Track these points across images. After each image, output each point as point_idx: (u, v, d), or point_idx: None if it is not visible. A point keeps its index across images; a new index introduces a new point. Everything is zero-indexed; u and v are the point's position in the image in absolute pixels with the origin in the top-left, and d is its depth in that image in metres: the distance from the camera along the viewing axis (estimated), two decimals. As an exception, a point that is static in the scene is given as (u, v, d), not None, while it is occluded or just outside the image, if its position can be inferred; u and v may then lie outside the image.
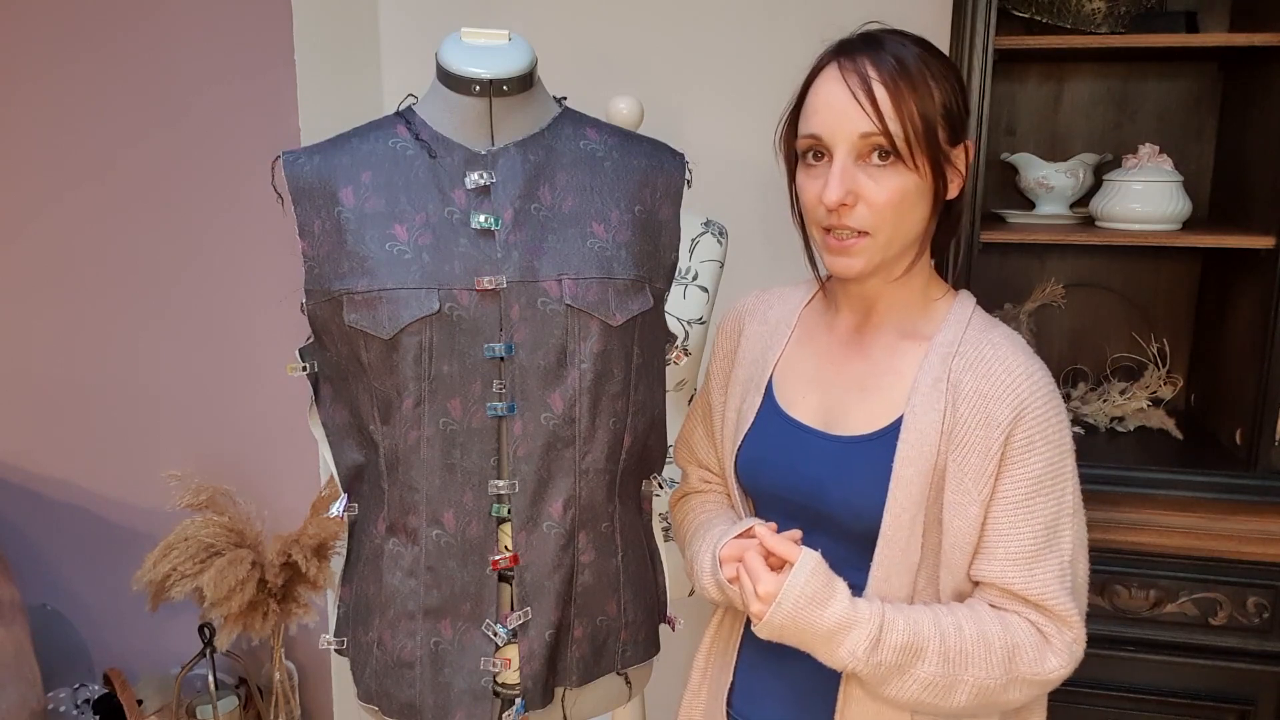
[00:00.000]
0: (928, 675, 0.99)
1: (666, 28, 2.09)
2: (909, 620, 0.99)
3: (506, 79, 1.07)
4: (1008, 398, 1.00)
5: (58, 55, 2.04)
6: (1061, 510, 1.01)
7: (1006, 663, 0.99)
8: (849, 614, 0.98)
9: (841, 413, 1.09)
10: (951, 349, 1.04)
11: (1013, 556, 1.00)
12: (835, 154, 1.00)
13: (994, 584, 1.01)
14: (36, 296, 2.17)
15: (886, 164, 0.99)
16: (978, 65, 1.60)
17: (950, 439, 1.01)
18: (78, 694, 2.21)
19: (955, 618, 1.00)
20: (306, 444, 2.06)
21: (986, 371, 1.01)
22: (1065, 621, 1.00)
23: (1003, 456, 1.00)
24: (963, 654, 0.99)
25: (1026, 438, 0.99)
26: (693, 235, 1.76)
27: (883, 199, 0.99)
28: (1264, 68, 1.66)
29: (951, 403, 1.02)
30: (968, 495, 1.01)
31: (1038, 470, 1.00)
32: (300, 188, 1.07)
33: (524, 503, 1.08)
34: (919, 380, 1.04)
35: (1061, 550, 1.01)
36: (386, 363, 1.04)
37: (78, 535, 2.26)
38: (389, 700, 1.14)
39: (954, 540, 1.02)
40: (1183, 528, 1.59)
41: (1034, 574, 1.00)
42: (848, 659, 0.99)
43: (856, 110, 0.98)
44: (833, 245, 1.03)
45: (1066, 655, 1.01)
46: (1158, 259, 1.94)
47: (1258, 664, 1.60)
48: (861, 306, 1.11)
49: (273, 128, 1.96)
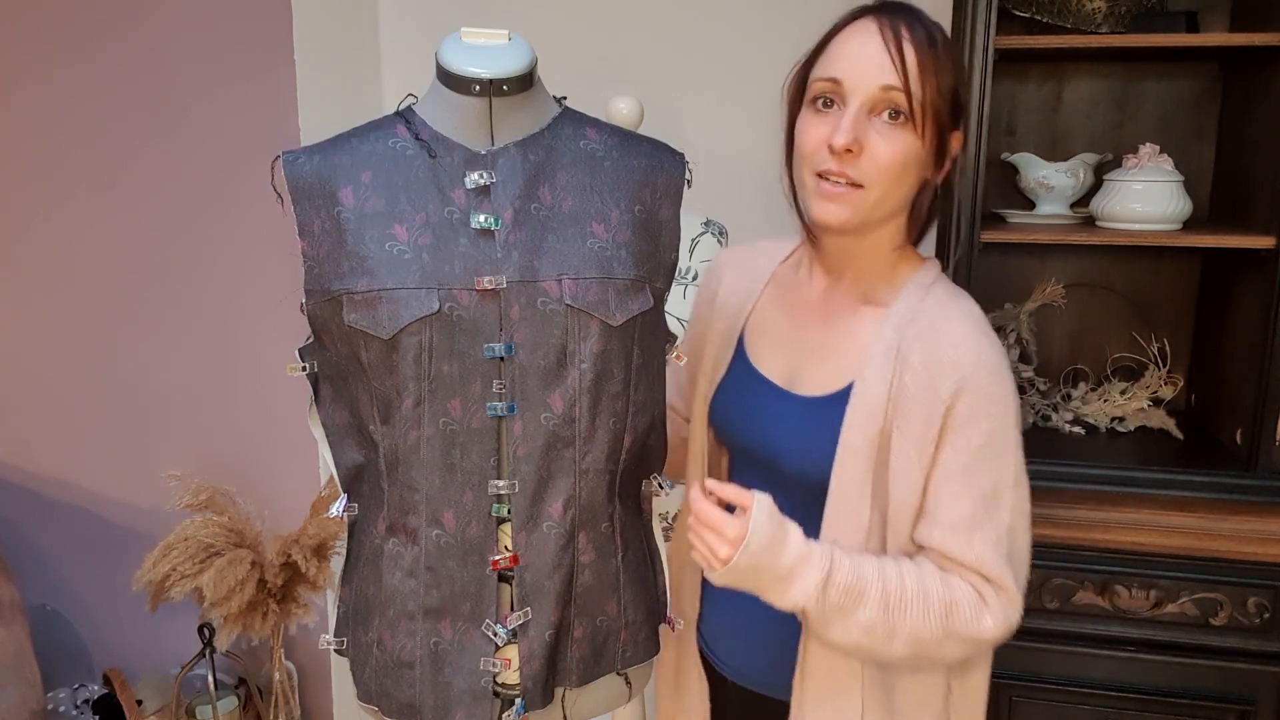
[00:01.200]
0: (868, 620, 1.01)
1: (666, 28, 2.09)
2: (855, 564, 1.02)
3: (506, 79, 1.07)
4: (951, 372, 1.02)
5: (58, 57, 2.04)
6: (1001, 482, 1.04)
7: (943, 618, 1.02)
8: (804, 552, 1.01)
9: (803, 373, 1.13)
10: (906, 318, 1.07)
11: (952, 524, 1.03)
12: (850, 102, 1.02)
13: (936, 549, 1.05)
14: (36, 297, 2.17)
15: (896, 123, 1.02)
16: (978, 65, 1.60)
17: (896, 406, 1.05)
18: (77, 694, 2.21)
19: (899, 569, 1.03)
20: (306, 444, 2.06)
21: (934, 343, 1.04)
22: (1001, 588, 1.03)
23: (944, 427, 1.03)
24: (902, 603, 1.02)
25: (968, 410, 1.02)
26: (693, 235, 1.76)
27: (887, 155, 1.02)
28: (1264, 68, 1.66)
29: (899, 372, 1.05)
30: (911, 462, 1.04)
31: (977, 442, 1.02)
32: (300, 188, 1.07)
33: (524, 503, 1.08)
34: (873, 348, 1.07)
35: (1000, 520, 1.04)
36: (386, 363, 1.04)
37: (78, 535, 2.26)
38: (389, 700, 1.14)
39: (898, 505, 1.06)
40: (1183, 528, 1.59)
41: (972, 542, 1.03)
42: (799, 597, 1.01)
43: (886, 62, 1.01)
44: (826, 190, 1.04)
45: (1002, 618, 1.03)
46: (1158, 259, 1.94)
47: (1258, 664, 1.60)
48: (834, 268, 1.15)
49: (273, 128, 1.96)
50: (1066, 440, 1.81)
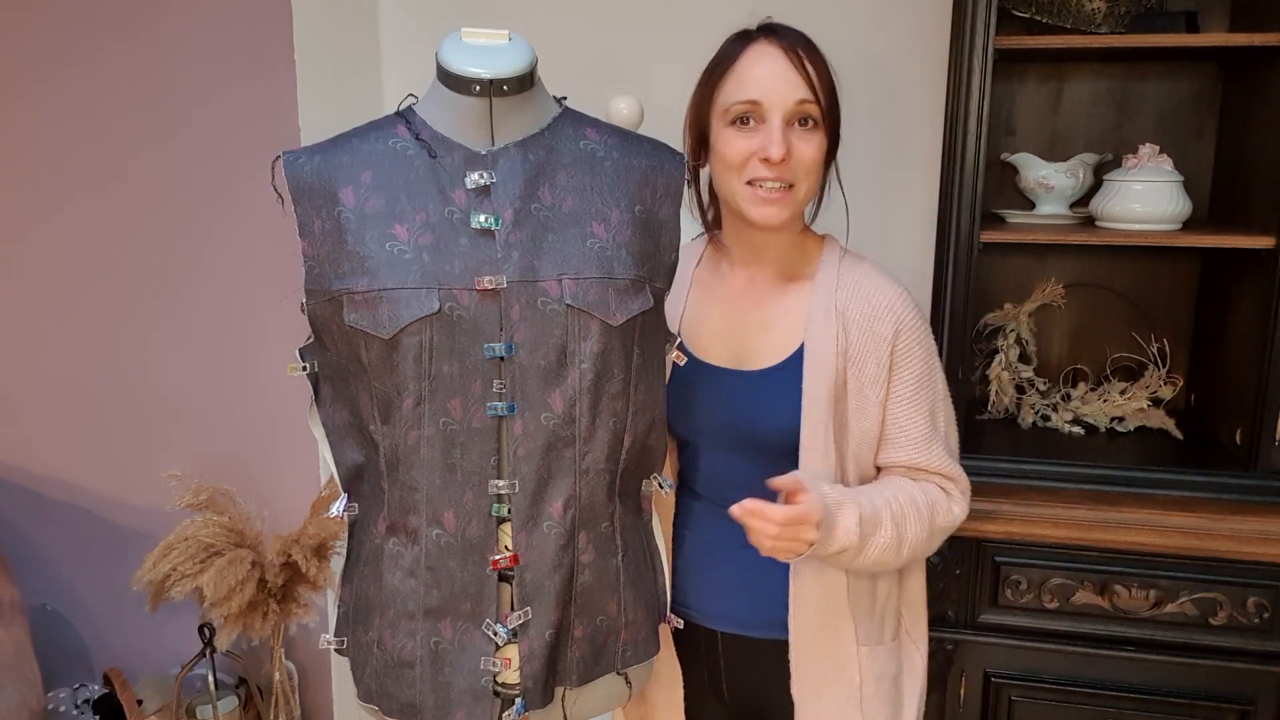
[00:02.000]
0: (885, 539, 1.19)
1: (666, 28, 2.08)
2: (867, 496, 1.19)
3: (506, 79, 1.07)
4: (887, 316, 1.23)
5: (59, 58, 2.04)
6: (936, 397, 1.26)
7: (930, 517, 1.22)
8: (838, 499, 1.16)
9: (749, 351, 1.28)
10: (833, 284, 1.25)
11: (913, 441, 1.24)
12: (771, 117, 1.17)
13: (902, 465, 1.25)
14: (37, 297, 2.17)
15: (808, 128, 1.19)
16: (978, 65, 1.60)
17: (846, 357, 1.23)
18: (78, 694, 2.21)
19: (890, 489, 1.22)
20: (306, 444, 2.06)
21: (867, 298, 1.24)
22: (956, 480, 1.27)
23: (890, 363, 1.22)
24: (904, 516, 1.20)
25: (906, 345, 1.23)
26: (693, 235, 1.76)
27: (811, 156, 1.19)
28: (1264, 68, 1.66)
29: (843, 328, 1.23)
30: (868, 400, 1.23)
31: (918, 370, 1.24)
32: (300, 188, 1.07)
33: (524, 502, 1.08)
34: (811, 313, 1.25)
35: (940, 428, 1.26)
36: (387, 362, 1.04)
37: (78, 535, 2.26)
38: (389, 700, 1.14)
39: (860, 439, 1.24)
40: (1183, 528, 1.59)
41: (931, 451, 1.24)
42: (842, 537, 1.15)
43: (796, 79, 1.17)
44: (763, 195, 1.19)
45: (963, 501, 1.27)
46: (1158, 259, 1.94)
47: (1258, 664, 1.60)
48: (754, 259, 1.30)
49: (273, 128, 1.96)
50: (1066, 440, 1.81)
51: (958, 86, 1.66)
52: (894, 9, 1.97)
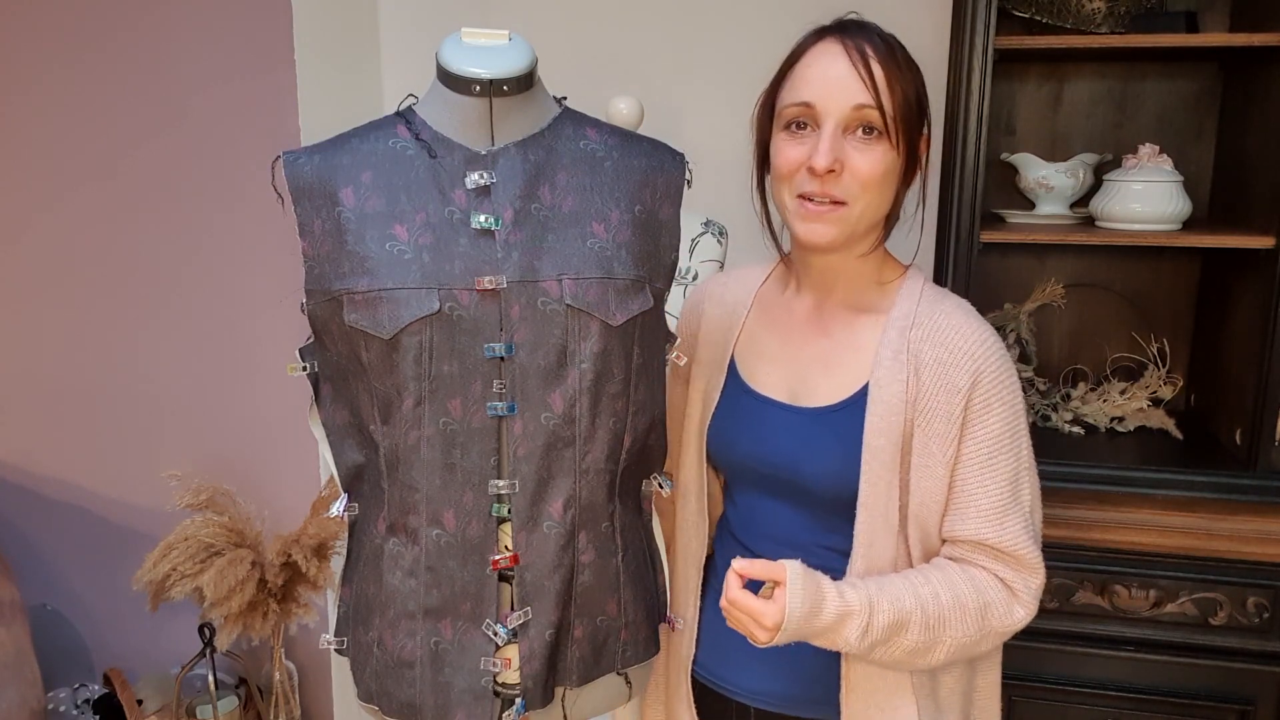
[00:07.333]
0: (911, 643, 1.05)
1: (666, 28, 2.09)
2: (892, 599, 1.04)
3: (506, 79, 1.07)
4: (965, 363, 1.06)
5: (58, 56, 2.04)
6: (1020, 465, 1.08)
7: (980, 620, 1.06)
8: (842, 608, 1.02)
9: (806, 386, 1.14)
10: (908, 321, 1.10)
11: (984, 512, 1.06)
12: (824, 123, 1.04)
13: (968, 539, 1.07)
14: (37, 297, 2.17)
15: (870, 138, 1.04)
16: (978, 65, 1.60)
17: (915, 406, 1.07)
18: (78, 694, 2.21)
19: (931, 586, 1.06)
20: (306, 444, 2.06)
21: (944, 340, 1.07)
22: (1031, 569, 1.07)
23: (964, 419, 1.06)
24: (941, 620, 1.05)
25: (984, 400, 1.06)
26: (693, 235, 1.76)
27: (867, 170, 1.04)
28: (1264, 68, 1.66)
29: (914, 372, 1.07)
30: (934, 458, 1.07)
31: (996, 429, 1.06)
32: (300, 188, 1.07)
33: (524, 503, 1.08)
34: (880, 353, 1.09)
35: (1023, 502, 1.08)
36: (387, 362, 1.04)
37: (78, 535, 2.26)
38: (389, 700, 1.14)
39: (921, 500, 1.08)
40: (1183, 528, 1.59)
41: (1005, 527, 1.06)
42: (843, 645, 1.04)
43: (855, 82, 1.03)
44: (809, 211, 1.06)
45: (1031, 602, 1.08)
46: (1158, 259, 1.94)
47: (1258, 664, 1.60)
48: (822, 284, 1.16)
49: (273, 128, 1.96)
50: (1066, 440, 1.81)
51: (958, 86, 1.66)
52: (893, 9, 1.96)
